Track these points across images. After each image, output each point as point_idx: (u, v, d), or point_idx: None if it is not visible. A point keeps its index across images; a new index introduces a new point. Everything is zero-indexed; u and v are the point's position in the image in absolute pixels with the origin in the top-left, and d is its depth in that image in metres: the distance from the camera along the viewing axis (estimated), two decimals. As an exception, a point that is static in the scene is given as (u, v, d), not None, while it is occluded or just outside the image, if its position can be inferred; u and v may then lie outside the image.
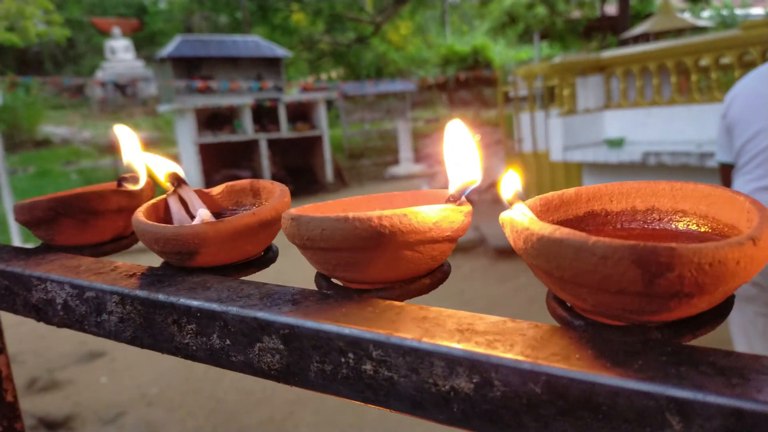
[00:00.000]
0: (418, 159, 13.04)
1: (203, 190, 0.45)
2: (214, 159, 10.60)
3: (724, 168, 2.47)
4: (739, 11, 18.76)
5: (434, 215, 0.31)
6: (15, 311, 0.43)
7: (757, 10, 19.31)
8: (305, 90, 12.01)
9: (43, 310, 0.41)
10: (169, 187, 0.43)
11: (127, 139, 0.45)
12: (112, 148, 13.25)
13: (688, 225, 0.29)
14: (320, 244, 0.31)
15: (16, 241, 6.77)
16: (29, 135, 13.30)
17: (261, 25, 17.41)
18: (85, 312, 0.38)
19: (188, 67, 10.81)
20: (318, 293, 0.33)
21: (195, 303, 0.33)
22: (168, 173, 0.43)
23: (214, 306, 0.32)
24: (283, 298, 0.32)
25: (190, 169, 10.44)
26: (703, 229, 0.29)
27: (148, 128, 15.53)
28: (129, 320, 0.36)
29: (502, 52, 19.29)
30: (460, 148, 0.32)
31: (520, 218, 0.27)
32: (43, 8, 13.53)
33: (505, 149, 7.53)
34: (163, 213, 0.43)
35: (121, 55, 16.82)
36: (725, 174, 2.48)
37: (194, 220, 0.40)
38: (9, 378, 0.51)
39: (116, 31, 17.17)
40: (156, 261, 0.47)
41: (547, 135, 6.53)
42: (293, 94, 11.62)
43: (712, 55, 5.28)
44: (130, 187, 0.47)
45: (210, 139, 10.46)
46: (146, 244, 0.39)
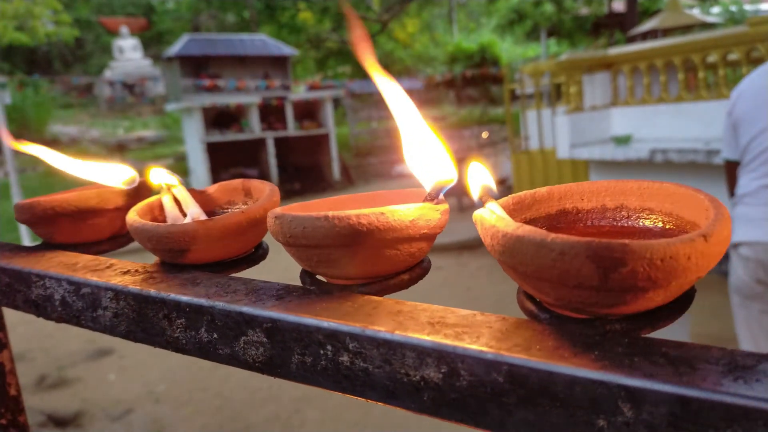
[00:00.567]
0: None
1: (197, 190, 0.47)
2: (221, 157, 10.63)
3: (730, 165, 2.47)
4: (749, 7, 18.62)
5: (411, 213, 0.32)
6: (16, 307, 0.45)
7: (767, 6, 19.15)
8: (312, 88, 12.03)
9: (42, 306, 0.43)
10: (163, 187, 0.44)
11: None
12: (121, 148, 13.32)
13: (655, 222, 0.31)
14: (302, 242, 0.32)
15: (25, 238, 6.83)
16: (38, 134, 13.39)
17: (268, 24, 17.46)
18: (82, 307, 0.40)
19: (196, 65, 10.86)
20: (301, 289, 0.34)
21: (184, 298, 0.34)
22: (164, 176, 0.44)
23: (202, 301, 0.33)
24: (268, 293, 0.33)
25: (198, 168, 10.48)
26: (668, 226, 0.30)
27: (155, 127, 15.60)
28: (123, 315, 0.37)
29: (509, 50, 19.25)
30: (430, 148, 0.33)
31: (488, 216, 0.28)
32: (52, 8, 13.61)
33: (511, 147, 7.52)
34: (157, 212, 0.44)
35: (129, 54, 16.91)
36: (730, 171, 2.48)
37: (185, 219, 0.41)
38: (12, 372, 0.53)
39: (124, 30, 17.26)
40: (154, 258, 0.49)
41: (554, 132, 6.52)
42: (300, 93, 11.64)
43: (719, 51, 5.26)
44: (126, 187, 0.49)
45: (217, 137, 10.50)
46: (140, 242, 0.40)
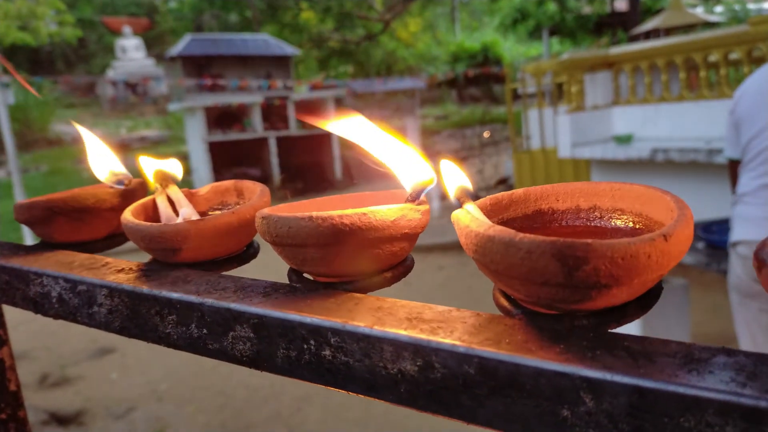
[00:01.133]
0: (427, 156, 13.04)
1: (190, 190, 0.48)
2: (223, 157, 10.66)
3: (733, 164, 2.47)
4: (752, 5, 18.57)
5: (392, 214, 0.33)
6: (15, 304, 0.46)
7: (769, 5, 19.09)
8: (314, 88, 12.04)
9: (39, 303, 0.44)
10: (158, 187, 0.45)
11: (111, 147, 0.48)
12: (123, 147, 13.35)
13: (626, 222, 0.32)
14: (287, 241, 0.33)
15: (28, 238, 6.86)
16: (41, 134, 13.44)
17: (270, 24, 17.48)
18: (78, 304, 0.41)
19: (198, 65, 10.88)
20: (288, 286, 0.36)
21: (175, 295, 0.35)
22: (156, 173, 0.45)
23: (192, 298, 0.35)
24: (256, 290, 0.35)
25: (200, 167, 10.50)
26: (637, 226, 0.31)
27: (158, 126, 15.64)
28: (117, 312, 0.39)
29: (512, 49, 19.23)
30: (404, 151, 0.34)
31: (463, 216, 0.29)
32: (55, 8, 13.64)
33: (513, 146, 7.53)
34: (151, 212, 0.46)
35: (131, 54, 16.94)
36: (733, 170, 2.48)
37: (178, 219, 0.43)
38: (12, 368, 0.54)
39: (127, 30, 17.29)
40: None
41: (555, 132, 6.52)
42: (302, 92, 11.66)
43: (720, 50, 5.26)
44: (122, 187, 0.50)
45: (220, 137, 10.52)
46: (134, 242, 0.42)
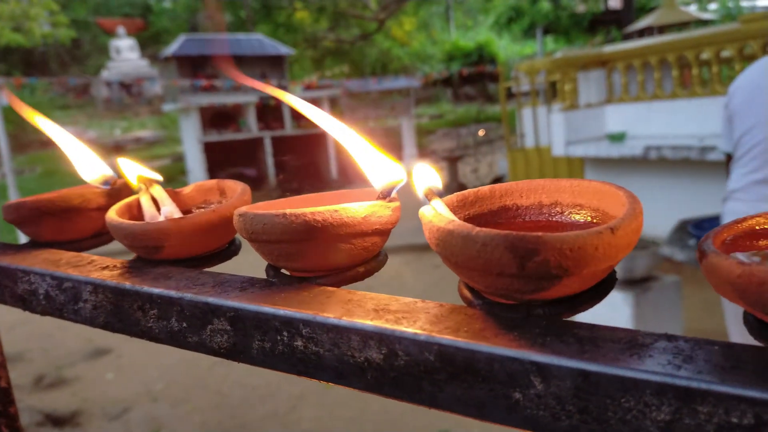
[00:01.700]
0: (422, 155, 13.08)
1: (174, 190, 0.50)
2: (218, 157, 10.66)
3: (729, 158, 2.49)
4: (746, 3, 18.62)
5: (363, 211, 0.35)
6: (4, 302, 0.48)
7: (763, 2, 19.16)
8: (309, 88, 12.05)
9: (27, 300, 0.45)
10: (141, 186, 0.47)
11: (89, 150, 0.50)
12: (118, 148, 13.34)
13: (584, 217, 0.33)
14: (263, 237, 0.35)
15: (23, 238, 6.86)
16: (35, 135, 13.41)
17: (265, 24, 17.48)
18: (64, 301, 0.42)
19: (192, 65, 10.87)
20: (264, 281, 0.37)
21: (156, 291, 0.37)
22: (140, 175, 0.47)
23: (172, 293, 0.36)
24: (233, 285, 0.36)
25: (196, 168, 10.50)
26: (594, 220, 0.33)
27: (153, 127, 15.63)
28: (101, 307, 0.40)
29: (507, 48, 19.25)
30: (373, 151, 0.36)
31: (427, 212, 0.31)
32: (49, 9, 13.62)
33: (507, 144, 7.55)
34: (136, 211, 0.47)
35: (126, 54, 16.90)
36: (730, 164, 2.50)
37: (160, 217, 0.44)
38: (3, 365, 0.56)
39: (121, 30, 17.25)
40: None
41: (549, 130, 6.55)
42: (297, 93, 11.66)
43: (712, 48, 5.29)
44: (108, 187, 0.51)
45: (215, 137, 10.53)
46: (118, 240, 0.43)
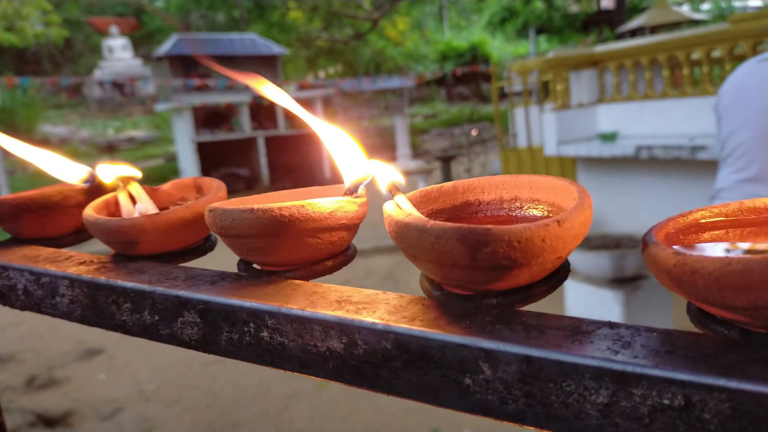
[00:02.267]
0: (415, 155, 13.11)
1: (152, 187, 0.51)
2: (212, 157, 10.65)
3: None
4: (738, 3, 18.71)
5: (329, 206, 0.36)
6: (-16, 297, 0.49)
7: (755, 2, 19.24)
8: (302, 88, 12.05)
9: (7, 295, 0.46)
10: (119, 184, 0.48)
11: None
12: (111, 148, 13.30)
13: (542, 211, 0.35)
14: (232, 232, 0.36)
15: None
16: (28, 135, 13.35)
17: (258, 23, 17.46)
18: (42, 295, 0.43)
19: (185, 65, 10.86)
20: (234, 275, 0.38)
21: (129, 285, 0.38)
22: (119, 173, 0.48)
23: (145, 287, 0.37)
24: (204, 279, 0.37)
25: (188, 168, 10.49)
26: (550, 214, 0.34)
27: (146, 127, 15.59)
28: (77, 302, 0.41)
29: (500, 47, 19.29)
30: (345, 148, 0.37)
31: (388, 207, 0.32)
32: (41, 9, 13.57)
33: (500, 144, 7.57)
34: (113, 208, 0.48)
35: (118, 54, 16.86)
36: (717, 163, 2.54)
37: (135, 213, 0.45)
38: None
39: (114, 30, 17.20)
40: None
41: (541, 130, 6.57)
42: (290, 92, 11.65)
43: (703, 48, 5.32)
44: (88, 185, 0.52)
45: (208, 137, 10.51)
46: (95, 236, 0.44)
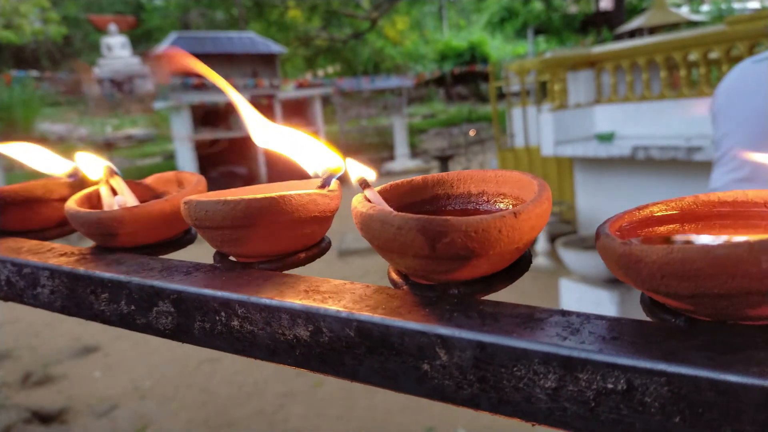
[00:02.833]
0: (414, 155, 13.12)
1: (134, 181, 0.51)
2: (210, 155, 10.65)
3: None
4: (737, 5, 18.72)
5: (301, 199, 0.36)
6: (-32, 289, 0.49)
7: (753, 4, 19.25)
8: (301, 86, 12.05)
9: (-10, 287, 0.47)
10: (102, 178, 0.49)
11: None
12: (109, 145, 13.29)
13: (507, 204, 0.36)
14: (206, 224, 0.37)
15: None
16: (26, 132, 13.33)
17: (257, 22, 17.47)
18: (24, 286, 0.44)
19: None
20: (209, 266, 0.39)
21: (107, 275, 0.39)
22: (103, 166, 0.49)
23: (121, 277, 0.38)
24: (179, 270, 0.38)
25: (186, 166, 10.49)
26: (515, 208, 0.35)
27: (144, 125, 15.59)
28: (58, 292, 0.42)
29: (499, 48, 19.30)
30: (309, 143, 0.38)
31: (355, 200, 0.33)
32: (40, 6, 13.56)
33: (497, 144, 7.58)
34: (95, 201, 0.49)
35: (117, 52, 16.83)
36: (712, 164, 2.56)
37: (114, 206, 0.46)
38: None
39: (113, 28, 17.17)
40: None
41: (538, 130, 6.58)
42: (289, 91, 11.66)
43: (700, 50, 5.34)
44: (71, 179, 0.53)
45: (206, 135, 10.52)
46: (76, 228, 0.45)
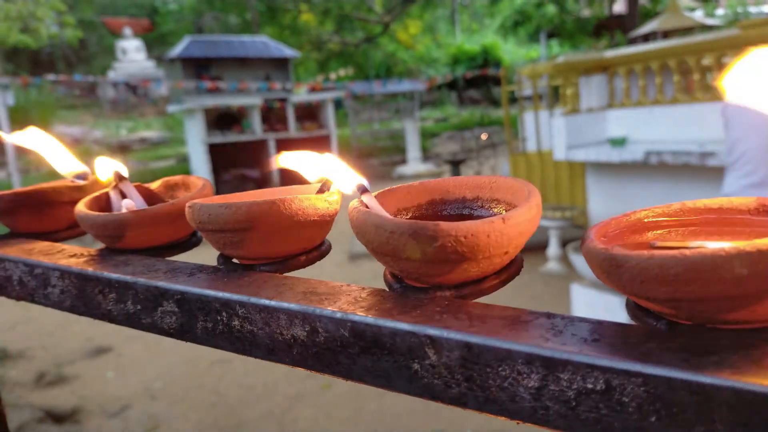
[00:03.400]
0: (426, 158, 13.13)
1: (143, 185, 0.53)
2: (223, 158, 10.71)
3: None
4: (753, 9, 18.57)
5: (300, 203, 0.38)
6: (-19, 288, 0.51)
7: (768, 8, 19.07)
8: (313, 90, 12.09)
9: (3, 286, 0.49)
10: (112, 182, 0.50)
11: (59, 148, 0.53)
12: (123, 148, 13.40)
13: (500, 210, 0.37)
14: (209, 227, 0.38)
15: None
16: (42, 135, 13.41)
17: (270, 26, 17.56)
18: (35, 286, 0.46)
19: (197, 67, 10.93)
20: (213, 268, 0.40)
21: (114, 276, 0.40)
22: (112, 170, 0.50)
23: (128, 278, 0.39)
24: (183, 271, 0.39)
25: (200, 169, 10.55)
26: (504, 214, 0.36)
27: (158, 128, 15.71)
28: (67, 292, 0.43)
29: (512, 51, 19.27)
30: (311, 155, 0.39)
31: (352, 205, 0.34)
32: (56, 9, 13.71)
33: (509, 148, 7.57)
34: (104, 204, 0.50)
35: (132, 55, 16.99)
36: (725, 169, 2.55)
37: (122, 210, 0.47)
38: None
39: (127, 31, 17.34)
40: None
41: (551, 134, 6.57)
42: (302, 95, 11.70)
43: (713, 54, 5.31)
44: (80, 182, 0.55)
45: (219, 138, 10.58)
46: (86, 230, 0.46)
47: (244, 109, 10.84)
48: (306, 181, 0.41)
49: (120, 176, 0.50)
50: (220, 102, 10.50)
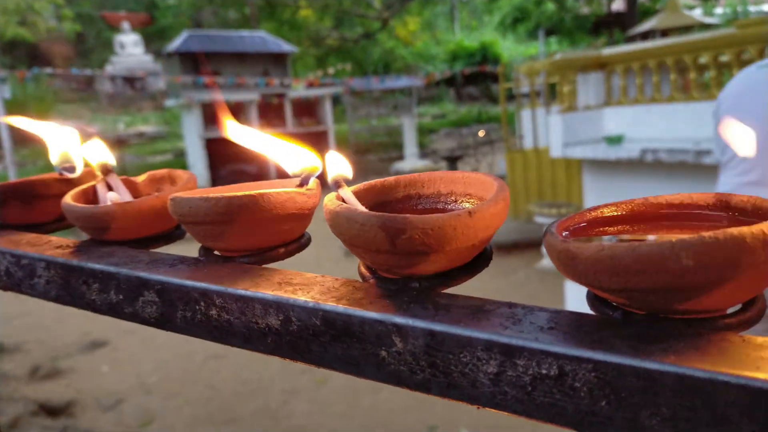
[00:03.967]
0: (423, 155, 13.14)
1: (129, 178, 0.54)
2: (220, 153, 10.72)
3: None
4: (753, 8, 18.57)
5: (280, 197, 0.39)
6: (-30, 279, 0.52)
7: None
8: (311, 86, 12.09)
9: (-9, 277, 0.50)
10: (99, 175, 0.51)
11: (67, 134, 0.54)
12: (120, 142, 13.39)
13: (472, 204, 0.38)
14: (189, 219, 0.39)
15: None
16: (39, 129, 13.38)
17: (268, 21, 17.55)
18: (22, 276, 0.47)
19: (195, 62, 10.93)
20: (193, 259, 0.41)
21: (98, 266, 0.41)
22: (99, 163, 0.51)
23: (111, 268, 0.40)
24: (165, 262, 0.40)
25: (197, 163, 10.56)
26: (470, 208, 0.37)
27: (156, 122, 15.70)
28: (53, 282, 0.44)
29: (511, 48, 19.26)
30: (284, 144, 0.40)
31: (327, 199, 0.35)
32: (54, 3, 13.68)
33: (506, 145, 7.58)
34: (91, 196, 0.51)
35: (130, 49, 16.96)
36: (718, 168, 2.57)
37: (107, 202, 0.48)
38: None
39: (126, 25, 17.30)
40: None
41: (547, 131, 6.58)
42: (299, 90, 11.70)
43: (710, 53, 5.33)
44: (69, 175, 0.56)
45: (216, 133, 10.58)
46: (72, 222, 0.47)
47: (242, 104, 10.84)
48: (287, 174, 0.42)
49: (106, 169, 0.51)
50: (218, 97, 10.50)
